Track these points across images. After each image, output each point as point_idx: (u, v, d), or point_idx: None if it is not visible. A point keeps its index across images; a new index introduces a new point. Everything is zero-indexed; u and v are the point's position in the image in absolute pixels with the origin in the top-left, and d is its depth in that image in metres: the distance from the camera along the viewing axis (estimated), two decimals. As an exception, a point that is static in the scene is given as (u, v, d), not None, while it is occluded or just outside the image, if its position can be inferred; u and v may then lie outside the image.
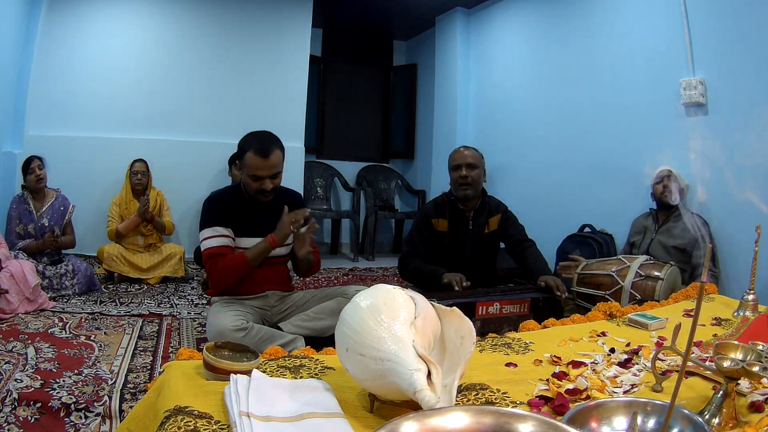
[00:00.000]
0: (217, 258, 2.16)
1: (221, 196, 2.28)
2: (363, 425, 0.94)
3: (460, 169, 2.63)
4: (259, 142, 2.17)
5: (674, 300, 2.04)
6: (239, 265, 2.16)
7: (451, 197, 2.73)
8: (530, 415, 0.74)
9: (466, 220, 2.72)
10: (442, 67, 5.61)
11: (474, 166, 2.64)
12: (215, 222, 2.19)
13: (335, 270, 4.71)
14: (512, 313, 2.27)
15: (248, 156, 2.17)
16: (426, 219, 2.73)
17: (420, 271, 2.61)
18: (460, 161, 2.64)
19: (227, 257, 2.16)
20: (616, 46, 3.67)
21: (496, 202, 2.80)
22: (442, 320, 1.06)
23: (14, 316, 2.75)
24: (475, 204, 2.71)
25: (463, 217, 2.71)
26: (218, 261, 2.15)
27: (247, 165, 2.18)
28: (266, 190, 2.20)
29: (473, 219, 2.71)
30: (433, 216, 2.72)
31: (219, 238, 2.18)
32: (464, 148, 2.73)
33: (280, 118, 4.92)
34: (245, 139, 2.23)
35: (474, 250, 2.73)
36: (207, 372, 1.11)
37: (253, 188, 2.21)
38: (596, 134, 3.83)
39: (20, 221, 3.37)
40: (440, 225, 2.71)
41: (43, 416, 1.73)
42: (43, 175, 3.41)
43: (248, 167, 2.17)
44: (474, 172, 2.63)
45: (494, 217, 2.74)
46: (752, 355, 1.02)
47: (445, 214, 2.72)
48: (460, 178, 2.62)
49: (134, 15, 4.56)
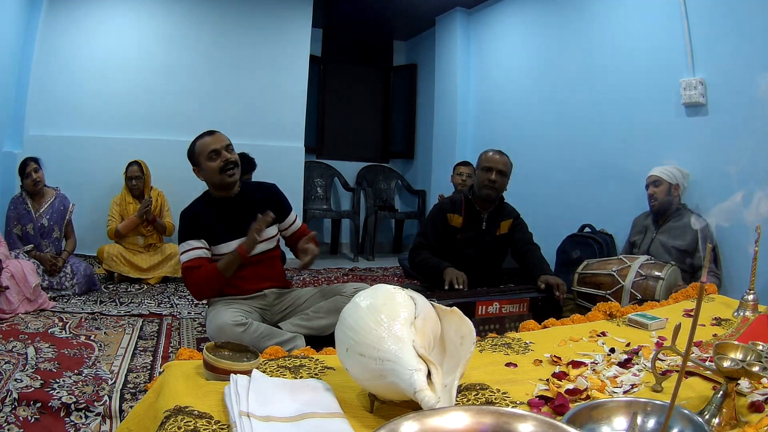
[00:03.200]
0: (191, 270, 2.20)
1: (193, 209, 2.31)
2: (363, 425, 0.94)
3: (491, 172, 2.69)
4: (200, 135, 2.30)
5: (674, 300, 2.04)
6: (212, 276, 2.19)
7: (469, 196, 2.80)
8: (530, 415, 0.74)
9: (480, 221, 2.77)
10: (442, 67, 5.61)
11: (504, 173, 2.73)
12: (189, 236, 2.23)
13: (335, 270, 4.71)
14: (512, 313, 2.27)
15: (198, 144, 2.27)
16: (442, 212, 2.80)
17: (426, 263, 2.69)
18: (493, 165, 2.70)
19: (201, 269, 2.19)
20: (616, 46, 3.67)
21: (511, 208, 2.88)
22: (442, 320, 1.06)
23: (14, 316, 2.75)
24: (491, 206, 2.78)
25: (477, 217, 2.78)
26: (192, 273, 2.20)
27: (201, 151, 2.24)
28: (230, 162, 2.24)
29: (487, 220, 2.78)
30: (449, 210, 2.79)
31: (193, 251, 2.21)
32: (497, 153, 2.78)
33: (280, 118, 4.92)
34: (189, 147, 2.32)
35: (483, 250, 2.78)
36: (207, 372, 1.11)
37: (215, 169, 2.22)
38: (596, 134, 3.83)
39: (18, 222, 3.34)
40: (454, 220, 2.77)
41: (43, 416, 1.72)
42: (40, 177, 3.37)
43: (202, 152, 2.24)
44: (503, 179, 2.72)
45: (506, 221, 2.81)
46: (752, 355, 1.02)
47: (461, 210, 2.78)
48: (489, 180, 2.68)
49: (134, 15, 4.55)
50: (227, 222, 2.27)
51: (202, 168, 2.26)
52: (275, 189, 2.49)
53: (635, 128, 3.48)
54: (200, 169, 2.27)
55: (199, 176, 2.31)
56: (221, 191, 2.30)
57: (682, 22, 3.09)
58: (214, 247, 2.25)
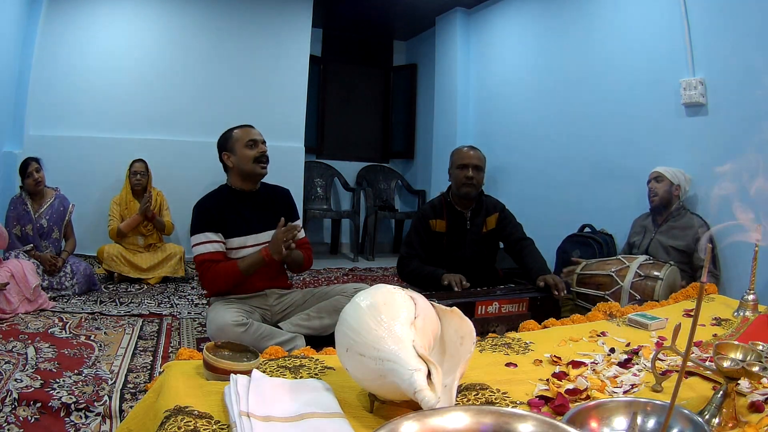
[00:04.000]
0: (209, 264, 2.19)
1: (209, 200, 2.31)
2: (363, 425, 0.94)
3: (467, 169, 2.64)
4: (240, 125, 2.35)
5: (674, 300, 2.04)
6: (231, 275, 2.19)
7: (447, 198, 2.74)
8: (530, 415, 0.74)
9: (464, 220, 2.72)
10: (442, 67, 5.61)
11: (480, 168, 2.68)
12: (205, 228, 2.22)
13: (335, 270, 4.71)
14: (511, 313, 2.27)
15: (236, 132, 2.30)
16: (424, 220, 2.74)
17: (419, 273, 2.62)
18: (468, 161, 2.66)
19: (220, 264, 2.19)
20: (616, 46, 3.67)
21: (493, 200, 2.82)
22: (442, 320, 1.06)
23: (14, 316, 2.75)
24: (473, 204, 2.73)
25: (461, 218, 2.72)
26: (210, 267, 2.18)
27: (239, 137, 2.28)
28: (265, 155, 2.29)
29: (471, 219, 2.72)
30: (430, 217, 2.73)
31: (210, 244, 2.20)
32: (471, 148, 2.74)
33: (280, 118, 4.92)
34: (224, 133, 2.35)
35: (473, 250, 2.73)
36: (207, 372, 1.11)
37: (251, 157, 2.26)
38: (596, 134, 3.83)
39: (18, 223, 3.33)
40: (438, 226, 2.72)
41: (43, 416, 1.73)
42: (42, 178, 3.37)
43: (241, 139, 2.27)
44: (479, 175, 2.67)
45: (492, 215, 2.75)
46: (752, 355, 1.02)
47: (442, 214, 2.72)
48: (465, 178, 2.64)
49: (134, 15, 4.55)
50: (243, 216, 2.28)
51: (235, 154, 2.28)
52: (289, 195, 2.54)
53: (635, 128, 3.48)
54: (232, 155, 2.29)
55: (226, 162, 2.33)
56: (246, 182, 2.32)
57: (682, 22, 3.09)
58: (226, 240, 2.25)
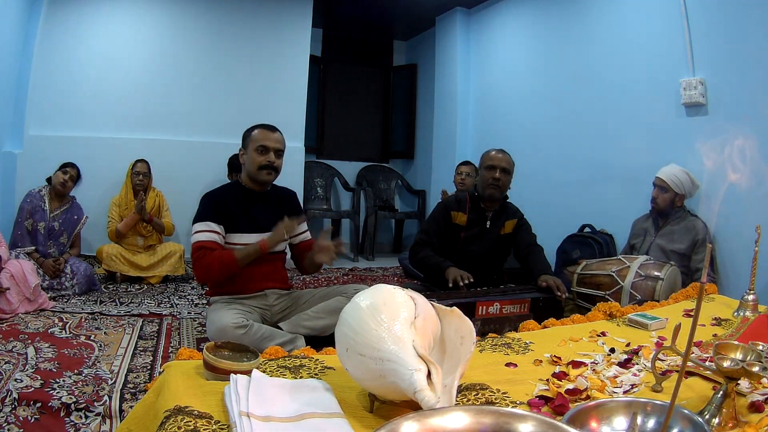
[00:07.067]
0: (205, 251, 2.19)
1: (219, 193, 2.34)
2: (363, 425, 0.94)
3: (494, 170, 2.69)
4: (264, 124, 2.37)
5: (674, 300, 2.04)
6: (226, 263, 2.19)
7: (474, 194, 2.80)
8: (530, 415, 0.74)
9: (485, 219, 2.77)
10: (442, 67, 5.61)
11: (507, 171, 2.73)
12: (209, 217, 2.24)
13: (335, 270, 4.71)
14: (512, 313, 2.27)
15: (255, 132, 2.31)
16: (446, 210, 2.79)
17: (427, 261, 2.68)
18: (496, 164, 2.70)
19: (215, 252, 2.20)
20: (616, 46, 3.67)
21: (515, 208, 2.88)
22: (442, 320, 1.06)
23: (14, 316, 2.75)
24: (496, 205, 2.78)
25: (482, 216, 2.77)
26: (206, 254, 2.19)
27: (255, 139, 2.29)
28: (272, 164, 2.28)
29: (492, 219, 2.77)
30: (453, 208, 2.78)
31: (210, 233, 2.22)
32: (499, 151, 2.78)
33: (280, 118, 4.86)
34: (249, 128, 2.37)
35: (486, 249, 2.77)
36: (207, 372, 1.11)
37: (258, 163, 2.27)
38: (596, 134, 3.83)
39: (31, 216, 3.32)
40: (459, 218, 2.77)
41: (43, 416, 1.72)
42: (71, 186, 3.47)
43: (255, 141, 2.28)
44: (506, 177, 2.73)
45: (511, 221, 2.80)
46: (752, 355, 1.02)
47: (465, 208, 2.77)
48: (492, 179, 2.69)
49: (134, 15, 4.55)
50: (249, 214, 2.31)
51: (247, 154, 2.32)
52: (296, 197, 2.58)
53: (635, 128, 3.48)
54: (245, 153, 2.33)
55: (240, 159, 2.37)
56: (253, 184, 2.36)
57: (682, 22, 3.09)
58: (228, 234, 2.27)
